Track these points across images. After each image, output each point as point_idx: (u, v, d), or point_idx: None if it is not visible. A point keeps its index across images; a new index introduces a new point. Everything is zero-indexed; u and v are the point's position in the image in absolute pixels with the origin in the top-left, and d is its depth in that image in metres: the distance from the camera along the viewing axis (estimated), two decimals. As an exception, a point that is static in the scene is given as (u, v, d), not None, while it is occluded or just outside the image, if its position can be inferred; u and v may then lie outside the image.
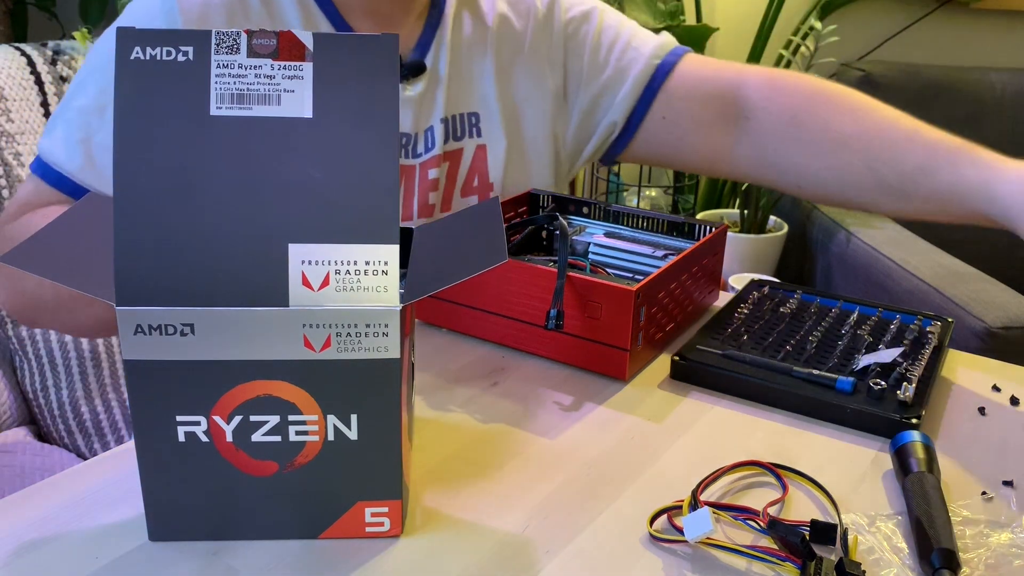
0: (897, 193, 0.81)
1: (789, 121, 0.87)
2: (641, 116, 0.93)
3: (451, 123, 0.88)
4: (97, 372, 1.11)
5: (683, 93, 0.92)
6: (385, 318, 0.45)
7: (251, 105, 0.45)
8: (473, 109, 0.89)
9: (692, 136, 0.93)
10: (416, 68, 0.84)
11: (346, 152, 0.45)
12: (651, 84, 0.92)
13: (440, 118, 0.86)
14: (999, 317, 1.39)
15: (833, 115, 0.85)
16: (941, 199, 0.78)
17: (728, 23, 2.25)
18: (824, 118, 0.85)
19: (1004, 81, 2.05)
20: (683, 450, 0.59)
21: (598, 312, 0.66)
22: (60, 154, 0.76)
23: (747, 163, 0.92)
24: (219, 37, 0.45)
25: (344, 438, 0.47)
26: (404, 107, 0.84)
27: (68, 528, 0.49)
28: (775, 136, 0.88)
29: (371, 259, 0.45)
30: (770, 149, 0.89)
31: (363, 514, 0.49)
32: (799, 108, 0.87)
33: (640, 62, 0.92)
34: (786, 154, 0.88)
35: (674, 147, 0.94)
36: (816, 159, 0.85)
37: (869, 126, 0.83)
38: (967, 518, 0.52)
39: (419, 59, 0.85)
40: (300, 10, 0.80)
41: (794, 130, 0.87)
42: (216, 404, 0.45)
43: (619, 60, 0.93)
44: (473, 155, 0.89)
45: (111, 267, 0.43)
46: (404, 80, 0.84)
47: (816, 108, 0.86)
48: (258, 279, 0.44)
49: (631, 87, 0.92)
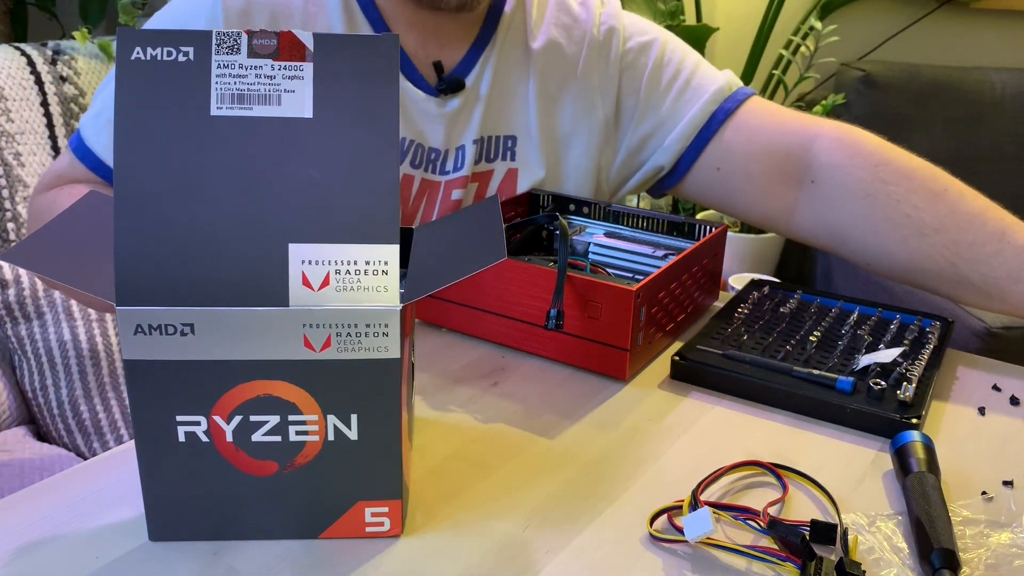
0: (982, 294, 0.75)
1: (862, 195, 0.79)
2: (690, 162, 0.88)
3: (485, 144, 0.86)
4: (97, 372, 1.11)
5: (740, 145, 0.85)
6: (385, 318, 0.45)
7: (251, 105, 0.45)
8: (511, 132, 0.86)
9: (747, 191, 0.86)
10: (455, 84, 0.83)
11: (346, 152, 0.45)
12: (704, 131, 0.86)
13: (473, 139, 0.84)
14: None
15: (914, 199, 0.77)
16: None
17: (728, 23, 2.25)
18: (903, 200, 0.77)
19: (1004, 81, 2.05)
20: (683, 450, 0.59)
21: (598, 312, 0.66)
22: (90, 130, 0.79)
23: (810, 230, 0.84)
24: (219, 37, 0.45)
25: (344, 438, 0.47)
26: (437, 122, 0.83)
27: (68, 528, 0.49)
28: (845, 209, 0.80)
29: (371, 259, 0.45)
30: (837, 220, 0.81)
31: (363, 514, 0.49)
32: (876, 183, 0.78)
33: (696, 105, 0.86)
34: (856, 230, 0.80)
35: (727, 198, 0.89)
36: (890, 242, 0.78)
37: (953, 219, 0.75)
38: (967, 518, 0.52)
39: (460, 76, 0.83)
40: (344, 16, 0.80)
41: (867, 207, 0.79)
42: (216, 404, 0.45)
43: (676, 100, 0.87)
44: (503, 178, 0.87)
45: (110, 266, 0.43)
46: (441, 95, 0.83)
47: (894, 187, 0.78)
48: (258, 279, 0.44)
49: (682, 132, 0.86)
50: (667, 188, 0.92)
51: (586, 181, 0.89)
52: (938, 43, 2.24)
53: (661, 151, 0.89)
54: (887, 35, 2.24)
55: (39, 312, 1.09)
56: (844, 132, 0.83)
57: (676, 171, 0.89)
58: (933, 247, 0.76)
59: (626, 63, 0.88)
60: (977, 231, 0.75)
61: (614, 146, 0.91)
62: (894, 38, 2.24)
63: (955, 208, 0.76)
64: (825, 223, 0.83)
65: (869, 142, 0.82)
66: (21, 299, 1.08)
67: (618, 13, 0.90)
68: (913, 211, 0.77)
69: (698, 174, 0.88)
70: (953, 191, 0.77)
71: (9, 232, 1.12)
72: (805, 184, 0.84)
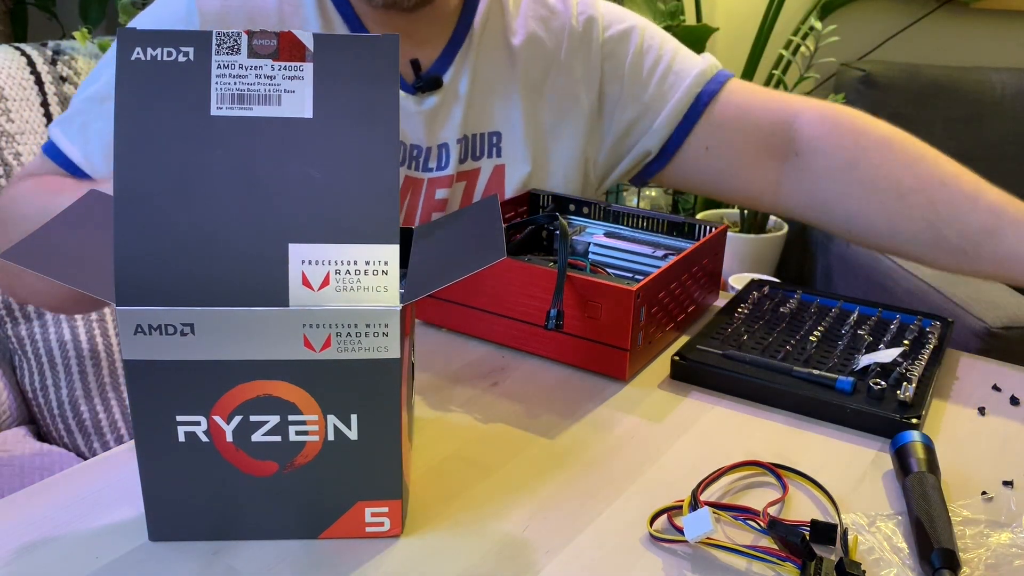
0: (957, 252, 0.77)
1: (844, 164, 0.82)
2: (678, 144, 0.89)
3: (469, 142, 0.86)
4: (97, 372, 1.11)
5: (727, 123, 0.88)
6: (385, 318, 0.45)
7: (251, 105, 0.45)
8: (495, 128, 0.87)
9: (734, 168, 0.89)
10: (433, 82, 0.83)
11: (346, 152, 0.45)
12: (690, 113, 0.88)
13: (457, 138, 0.85)
14: (999, 317, 1.39)
15: (892, 164, 0.81)
16: (1004, 264, 0.75)
17: (728, 23, 2.25)
18: (882, 166, 0.81)
19: (1004, 81, 2.05)
20: (683, 450, 0.59)
21: (598, 312, 0.66)
22: (61, 135, 0.79)
23: (794, 201, 0.87)
24: (219, 38, 0.45)
25: (344, 438, 0.47)
26: (415, 119, 0.83)
27: (68, 528, 0.49)
28: (827, 178, 0.84)
29: (371, 259, 0.45)
30: (820, 190, 0.84)
31: (363, 514, 0.49)
32: (856, 151, 0.82)
33: (680, 88, 0.88)
34: (838, 198, 0.83)
35: (713, 177, 0.91)
36: (871, 207, 0.81)
37: (931, 181, 0.79)
38: (967, 518, 0.52)
39: (437, 74, 0.84)
40: (319, 15, 0.80)
41: (849, 174, 0.82)
42: (216, 404, 0.45)
43: (659, 85, 0.89)
44: (491, 175, 0.87)
45: (110, 266, 0.43)
46: (419, 92, 0.83)
47: (874, 154, 0.82)
48: (258, 279, 0.44)
49: (669, 115, 0.88)
50: (653, 173, 0.94)
51: (573, 172, 0.90)
52: (938, 43, 2.24)
53: (648, 136, 0.90)
54: (887, 35, 2.25)
55: (39, 312, 1.09)
56: (825, 107, 0.87)
57: (663, 154, 0.91)
58: (911, 207, 0.79)
59: (607, 51, 0.90)
60: (953, 190, 0.78)
61: (599, 134, 0.92)
62: (894, 38, 2.24)
63: (932, 171, 0.80)
64: (810, 194, 0.86)
65: (849, 114, 0.85)
66: (21, 299, 1.08)
67: (594, 2, 0.91)
68: (892, 174, 0.81)
69: (686, 155, 0.90)
70: (930, 156, 0.81)
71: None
72: (789, 157, 0.87)
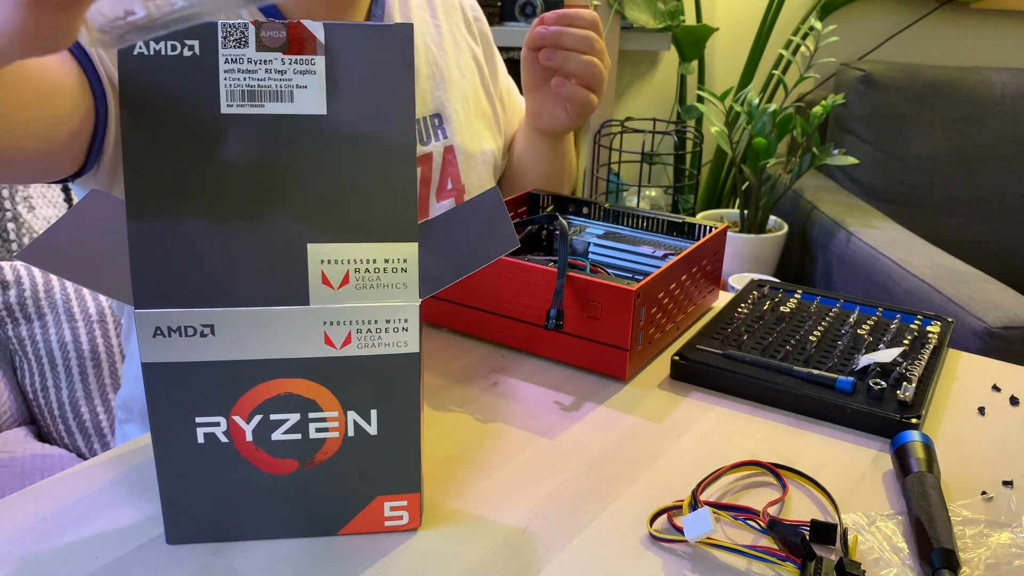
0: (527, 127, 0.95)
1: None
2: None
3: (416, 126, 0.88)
4: (97, 373, 1.11)
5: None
6: (404, 313, 0.45)
7: (263, 102, 0.43)
8: (435, 111, 0.89)
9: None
10: None
11: (362, 149, 0.44)
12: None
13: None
14: (999, 317, 1.39)
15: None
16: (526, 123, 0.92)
17: (728, 23, 2.25)
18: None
19: (1004, 81, 2.05)
20: (683, 450, 0.59)
21: (598, 312, 0.66)
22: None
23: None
24: (225, 29, 0.43)
25: (364, 434, 0.47)
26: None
27: (68, 528, 0.49)
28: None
29: (391, 257, 0.44)
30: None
31: (382, 508, 0.48)
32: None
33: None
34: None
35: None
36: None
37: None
38: (967, 518, 0.52)
39: None
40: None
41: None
42: (236, 404, 0.45)
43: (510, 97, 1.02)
44: (443, 158, 0.89)
45: (123, 267, 0.43)
46: None
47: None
48: (278, 279, 0.44)
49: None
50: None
51: (497, 127, 0.98)
52: (938, 43, 2.24)
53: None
54: (887, 35, 2.25)
55: (40, 313, 1.09)
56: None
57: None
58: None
59: (482, 29, 0.99)
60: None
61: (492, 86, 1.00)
62: (894, 38, 2.24)
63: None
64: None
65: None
66: (22, 300, 1.08)
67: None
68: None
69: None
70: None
71: (9, 232, 1.12)
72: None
